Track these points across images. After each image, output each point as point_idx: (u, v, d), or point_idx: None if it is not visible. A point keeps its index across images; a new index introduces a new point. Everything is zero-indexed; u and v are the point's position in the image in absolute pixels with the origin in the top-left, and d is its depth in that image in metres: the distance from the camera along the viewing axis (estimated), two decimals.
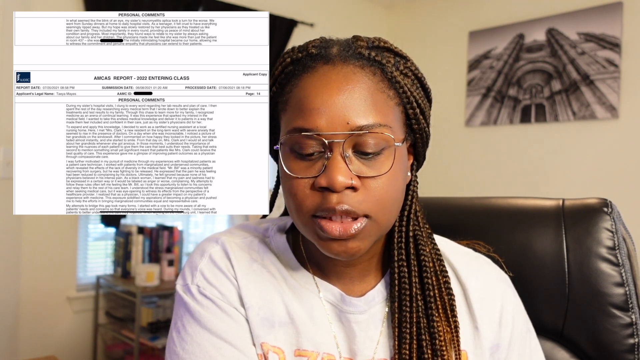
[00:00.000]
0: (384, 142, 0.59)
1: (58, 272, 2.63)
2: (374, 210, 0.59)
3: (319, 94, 0.59)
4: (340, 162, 0.57)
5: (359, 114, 0.58)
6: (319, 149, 0.59)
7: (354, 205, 0.58)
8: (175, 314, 0.66)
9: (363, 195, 0.58)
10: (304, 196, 0.59)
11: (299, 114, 0.60)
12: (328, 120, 0.58)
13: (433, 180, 3.40)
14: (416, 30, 3.71)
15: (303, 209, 0.60)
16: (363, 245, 0.60)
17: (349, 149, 0.58)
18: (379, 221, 0.60)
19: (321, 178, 0.58)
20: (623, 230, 0.78)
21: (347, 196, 0.58)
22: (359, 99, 0.59)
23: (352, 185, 0.57)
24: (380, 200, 0.59)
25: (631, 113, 2.69)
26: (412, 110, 0.63)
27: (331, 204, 0.57)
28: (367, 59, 0.61)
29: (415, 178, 0.68)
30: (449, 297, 0.66)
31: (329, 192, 0.58)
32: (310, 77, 0.61)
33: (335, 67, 0.61)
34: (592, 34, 2.81)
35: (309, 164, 0.59)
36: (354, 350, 0.65)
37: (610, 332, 0.75)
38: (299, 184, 0.59)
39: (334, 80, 0.60)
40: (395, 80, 0.62)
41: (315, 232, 0.60)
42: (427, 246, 0.68)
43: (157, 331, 2.58)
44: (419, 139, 0.66)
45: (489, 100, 3.24)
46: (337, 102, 0.58)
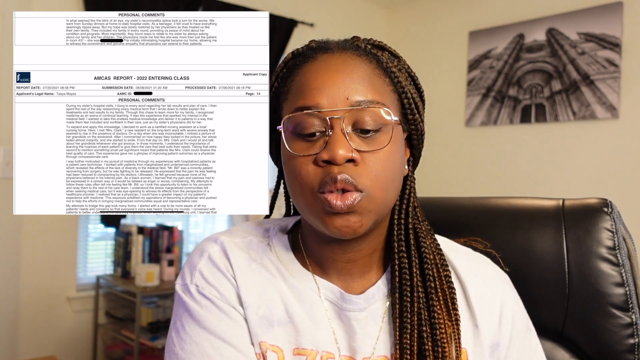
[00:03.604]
0: (382, 120, 0.62)
1: (58, 272, 2.63)
2: (371, 185, 0.61)
3: (319, 75, 0.63)
4: (341, 137, 0.60)
5: (357, 90, 0.62)
6: (320, 128, 0.61)
7: (354, 177, 0.60)
8: (175, 314, 0.67)
9: (362, 169, 0.61)
10: (306, 173, 0.61)
11: (300, 95, 0.63)
12: (328, 98, 0.61)
13: (433, 180, 3.40)
14: (416, 30, 3.71)
15: (307, 186, 0.61)
16: (364, 221, 0.61)
17: (349, 126, 0.61)
18: (375, 196, 0.61)
19: (323, 153, 0.60)
20: (623, 230, 0.78)
21: (347, 168, 0.60)
22: (358, 78, 0.62)
23: (353, 158, 0.60)
24: (377, 176, 0.61)
25: (631, 113, 2.68)
26: (407, 100, 0.66)
27: (333, 174, 0.59)
28: (364, 50, 0.66)
29: (413, 173, 0.70)
30: (450, 290, 0.67)
31: (330, 165, 0.60)
32: (311, 64, 0.65)
33: (334, 54, 0.65)
34: (592, 34, 2.81)
35: (310, 144, 0.62)
36: (354, 347, 0.65)
37: (610, 332, 0.75)
38: (301, 162, 0.61)
39: (333, 63, 0.64)
40: (390, 70, 0.66)
41: (320, 208, 0.61)
42: (427, 239, 0.69)
43: (157, 331, 2.58)
44: (414, 131, 0.68)
45: (489, 100, 3.24)
46: (337, 81, 0.62)
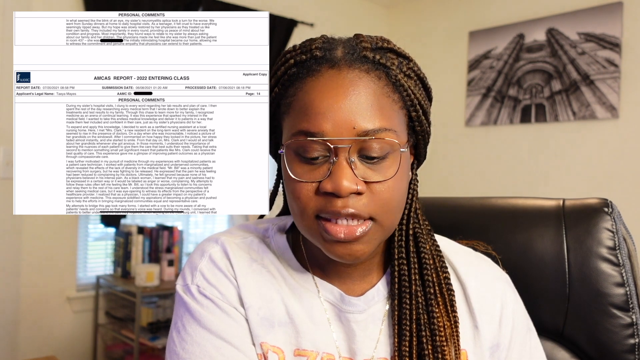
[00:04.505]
0: (389, 147, 0.59)
1: (58, 272, 2.63)
2: (379, 213, 0.59)
3: (324, 98, 0.59)
4: (345, 167, 0.57)
5: (365, 118, 0.58)
6: (323, 153, 0.59)
7: (360, 208, 0.58)
8: (176, 314, 0.67)
9: (368, 199, 0.58)
10: (308, 199, 0.59)
11: (304, 118, 0.59)
12: (334, 125, 0.58)
13: (433, 180, 3.40)
14: (416, 30, 3.71)
15: (307, 212, 0.60)
16: (367, 249, 0.60)
17: (354, 154, 0.58)
18: (383, 224, 0.60)
19: (326, 183, 0.58)
20: (623, 230, 0.78)
21: (352, 200, 0.58)
22: (365, 103, 0.58)
23: (358, 191, 0.58)
24: (385, 204, 0.59)
25: (631, 113, 2.68)
26: (416, 112, 0.64)
27: (336, 208, 0.57)
28: (372, 62, 0.61)
29: (416, 176, 0.69)
30: (449, 292, 0.67)
31: (333, 197, 0.58)
32: (316, 81, 0.60)
33: (341, 71, 0.60)
34: (592, 34, 2.81)
35: (313, 168, 0.59)
36: (354, 349, 0.65)
37: (610, 332, 0.75)
38: (302, 188, 0.59)
39: (340, 84, 0.59)
40: (399, 83, 0.62)
41: (320, 235, 0.60)
42: (427, 243, 0.69)
43: (157, 331, 2.58)
44: (421, 139, 0.67)
45: (489, 100, 3.24)
46: (343, 107, 0.58)
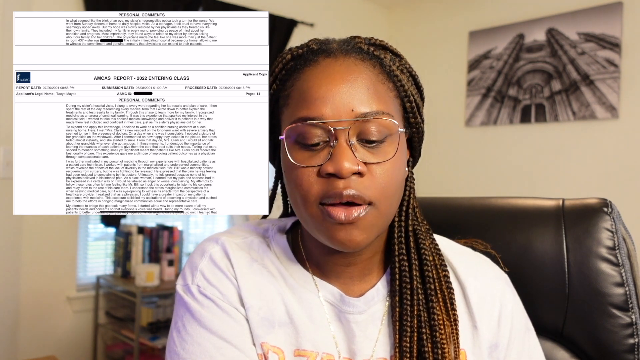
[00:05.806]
0: (387, 130, 0.60)
1: (58, 272, 2.63)
2: (378, 197, 0.60)
3: (322, 84, 0.60)
4: (346, 149, 0.58)
5: (362, 101, 0.59)
6: (323, 138, 0.60)
7: (361, 190, 0.58)
8: (176, 314, 0.67)
9: (369, 181, 0.59)
10: (309, 185, 0.60)
11: (303, 105, 0.61)
12: (333, 108, 0.59)
13: (433, 180, 3.40)
14: (416, 30, 3.71)
15: (310, 198, 0.60)
16: (367, 236, 0.60)
17: (353, 137, 0.59)
18: (381, 209, 0.60)
19: (327, 165, 0.58)
20: (623, 230, 0.78)
21: (353, 181, 0.58)
22: (362, 87, 0.60)
23: (359, 171, 0.58)
24: (385, 187, 0.60)
25: (631, 113, 2.68)
26: (410, 103, 0.65)
27: (338, 189, 0.58)
28: (367, 52, 0.64)
29: (412, 174, 0.70)
30: (448, 290, 0.67)
31: (335, 179, 0.58)
32: (313, 70, 0.62)
33: (337, 59, 0.62)
34: (592, 34, 2.81)
35: (313, 154, 0.60)
36: (353, 350, 0.65)
37: (610, 332, 0.75)
38: (304, 173, 0.60)
39: (336, 70, 0.61)
40: (393, 74, 0.64)
41: (323, 220, 0.60)
42: (426, 240, 0.69)
43: (157, 331, 2.58)
44: (415, 133, 0.68)
45: (489, 100, 3.24)
46: (341, 91, 0.60)
